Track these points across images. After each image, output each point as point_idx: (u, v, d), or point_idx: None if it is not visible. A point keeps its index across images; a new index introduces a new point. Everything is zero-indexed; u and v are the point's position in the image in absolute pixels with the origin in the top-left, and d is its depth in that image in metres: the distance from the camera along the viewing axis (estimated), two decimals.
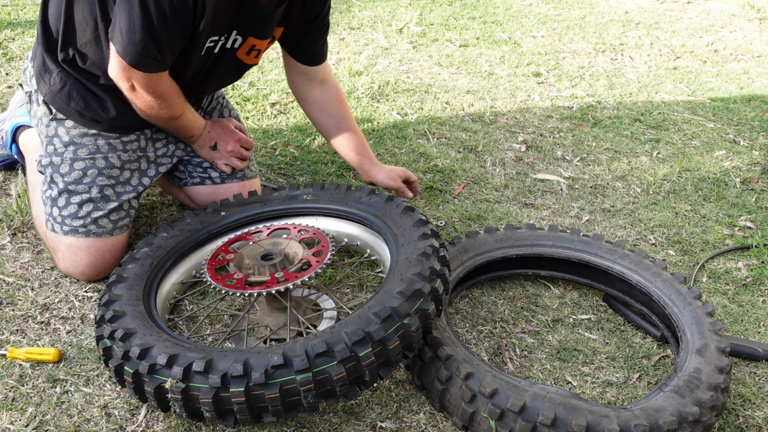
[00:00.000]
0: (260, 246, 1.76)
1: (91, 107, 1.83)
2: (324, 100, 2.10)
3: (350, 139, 2.13)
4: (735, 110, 3.41)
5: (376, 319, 1.42)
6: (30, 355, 1.61)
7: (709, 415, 1.50)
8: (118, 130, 1.87)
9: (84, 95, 1.83)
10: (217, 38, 1.79)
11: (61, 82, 1.83)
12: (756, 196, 2.67)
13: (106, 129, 1.85)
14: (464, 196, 2.46)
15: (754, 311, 2.04)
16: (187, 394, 1.38)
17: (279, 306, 1.73)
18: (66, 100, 1.83)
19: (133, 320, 1.53)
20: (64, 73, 1.83)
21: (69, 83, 1.83)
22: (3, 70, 2.82)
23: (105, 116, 1.84)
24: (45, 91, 1.86)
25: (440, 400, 1.55)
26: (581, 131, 3.04)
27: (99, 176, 1.84)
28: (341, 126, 2.12)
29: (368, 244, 1.90)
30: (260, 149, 2.57)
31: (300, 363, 1.35)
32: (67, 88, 1.83)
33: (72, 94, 1.83)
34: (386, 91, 3.13)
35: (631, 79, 3.68)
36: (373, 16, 3.99)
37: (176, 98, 1.84)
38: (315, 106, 2.12)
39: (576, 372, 1.76)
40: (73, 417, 1.50)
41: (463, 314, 1.91)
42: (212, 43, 1.79)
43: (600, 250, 1.95)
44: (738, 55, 4.19)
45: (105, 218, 1.84)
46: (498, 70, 3.57)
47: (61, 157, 1.83)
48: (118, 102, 1.84)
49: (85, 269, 1.84)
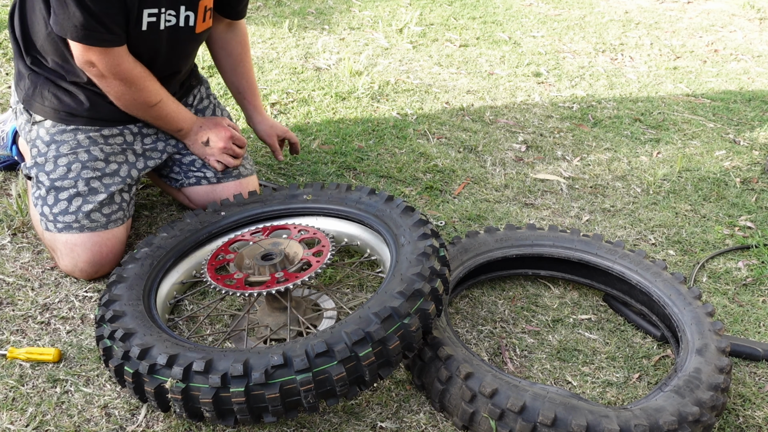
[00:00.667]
0: (260, 246, 1.76)
1: (64, 102, 1.86)
2: (228, 39, 2.16)
3: (242, 81, 2.22)
4: (735, 110, 3.41)
5: (376, 319, 1.42)
6: (30, 355, 1.61)
7: (709, 415, 1.50)
8: (98, 122, 1.89)
9: (55, 92, 1.87)
10: (156, 11, 1.80)
11: (32, 84, 1.88)
12: (756, 196, 2.67)
13: (85, 122, 1.88)
14: (464, 196, 2.46)
15: (754, 311, 2.04)
16: (187, 394, 1.38)
17: (279, 306, 1.73)
18: (40, 101, 1.87)
19: (133, 320, 1.53)
20: (34, 75, 1.88)
21: (39, 83, 1.87)
22: (3, 70, 2.82)
23: (80, 108, 1.87)
24: (22, 97, 1.91)
25: (440, 400, 1.55)
26: (581, 131, 3.04)
27: (84, 169, 1.85)
28: (237, 68, 2.20)
29: (368, 244, 1.90)
30: (260, 149, 2.57)
31: (300, 363, 1.35)
32: (38, 88, 1.87)
33: (44, 93, 1.86)
34: (386, 91, 3.14)
35: (631, 79, 3.68)
36: (373, 16, 3.99)
37: (147, 81, 1.85)
38: (217, 44, 2.17)
39: (576, 372, 1.76)
40: (73, 417, 1.50)
41: (463, 314, 1.91)
42: (153, 18, 1.80)
43: (600, 250, 1.95)
44: (738, 55, 4.19)
45: (97, 212, 1.85)
46: (498, 70, 3.57)
47: (44, 157, 1.86)
48: (91, 94, 1.87)
49: (84, 266, 1.84)
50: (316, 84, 3.09)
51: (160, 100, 1.89)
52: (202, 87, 2.18)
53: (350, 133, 2.75)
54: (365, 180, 2.47)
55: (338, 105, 2.96)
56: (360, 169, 2.53)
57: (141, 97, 1.85)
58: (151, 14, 1.79)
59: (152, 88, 1.87)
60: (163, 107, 1.91)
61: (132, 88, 1.82)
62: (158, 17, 1.82)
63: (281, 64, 3.23)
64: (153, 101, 1.88)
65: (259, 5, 3.90)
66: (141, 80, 1.83)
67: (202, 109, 2.15)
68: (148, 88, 1.85)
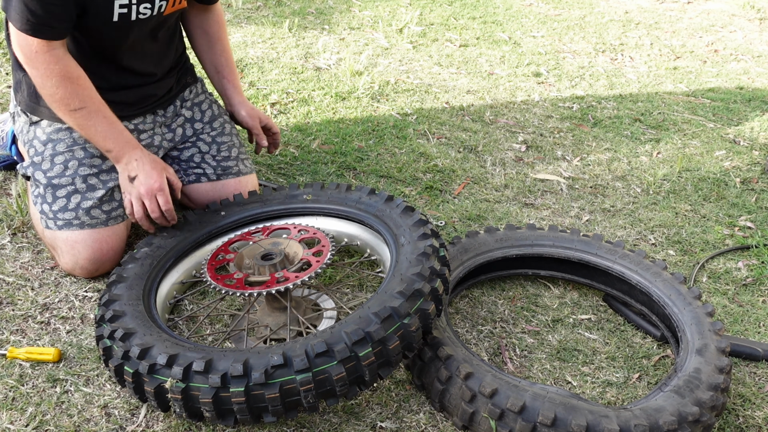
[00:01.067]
0: (260, 246, 1.76)
1: None
2: (203, 19, 2.13)
3: (220, 59, 2.16)
4: (735, 110, 3.41)
5: (376, 319, 1.42)
6: (30, 355, 1.61)
7: (709, 415, 1.50)
8: None
9: None
10: (127, 2, 1.76)
11: (27, 85, 1.88)
12: (756, 196, 2.67)
13: None
14: (464, 196, 2.46)
15: (754, 311, 2.04)
16: (187, 394, 1.38)
17: (279, 306, 1.73)
18: (35, 100, 1.87)
19: (133, 320, 1.53)
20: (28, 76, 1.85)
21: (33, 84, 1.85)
22: (3, 70, 2.82)
23: None
24: (19, 100, 1.92)
25: (440, 400, 1.55)
26: (581, 131, 3.04)
27: (80, 167, 1.85)
28: (215, 46, 2.15)
29: (368, 243, 1.90)
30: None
31: (300, 363, 1.35)
32: (32, 89, 1.86)
33: (38, 92, 1.85)
34: (386, 91, 3.14)
35: (631, 79, 3.68)
36: (373, 16, 3.99)
37: (77, 82, 1.75)
38: (193, 23, 2.14)
39: (576, 372, 1.76)
40: (73, 417, 1.50)
41: (463, 314, 1.91)
42: (124, 9, 1.77)
43: (600, 250, 1.95)
44: (738, 55, 4.19)
45: (97, 209, 1.85)
46: (498, 70, 3.57)
47: (41, 156, 1.86)
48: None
49: (85, 263, 1.84)
50: (316, 84, 3.09)
51: (84, 107, 1.76)
52: (199, 84, 2.18)
53: (350, 133, 2.75)
54: (365, 180, 2.47)
55: (338, 105, 2.96)
56: (360, 169, 2.53)
57: (74, 99, 1.74)
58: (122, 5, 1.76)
59: (88, 94, 1.77)
60: (88, 117, 1.77)
61: (66, 87, 1.73)
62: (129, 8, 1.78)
63: (281, 64, 3.23)
64: (74, 105, 1.75)
65: (259, 5, 3.90)
66: (79, 79, 1.75)
67: (198, 103, 2.14)
68: (84, 92, 1.76)
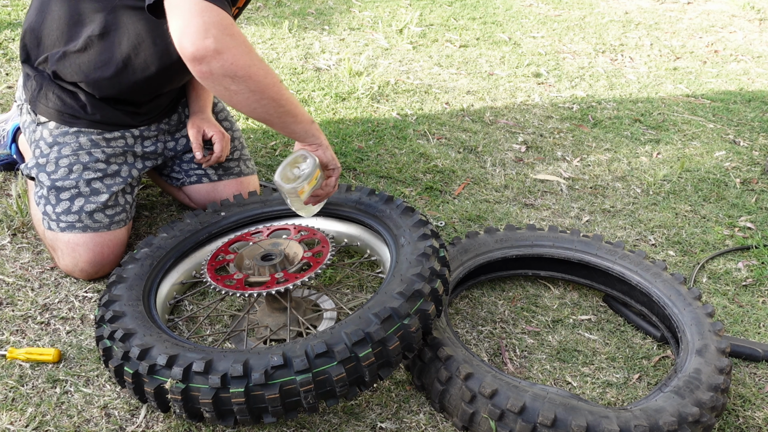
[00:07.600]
0: (260, 246, 1.76)
1: (67, 103, 1.86)
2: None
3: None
4: (735, 110, 3.41)
5: (376, 319, 1.42)
6: (30, 356, 1.61)
7: (709, 416, 1.50)
8: (100, 126, 1.88)
9: (59, 94, 1.86)
10: None
11: (38, 85, 1.87)
12: (756, 197, 2.67)
13: (87, 125, 1.87)
14: (464, 196, 2.46)
15: (754, 312, 2.04)
16: (187, 395, 1.38)
17: (279, 306, 1.73)
18: (44, 101, 1.87)
19: (133, 321, 1.53)
20: (40, 76, 1.87)
21: (44, 84, 1.86)
22: (3, 70, 2.82)
23: (82, 111, 1.86)
24: (27, 98, 1.91)
25: (440, 401, 1.55)
26: (581, 131, 3.04)
27: (85, 171, 1.85)
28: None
29: (368, 244, 1.90)
30: (260, 149, 2.57)
31: (300, 363, 1.35)
32: (43, 89, 1.86)
33: (48, 94, 1.86)
34: (386, 92, 3.14)
35: (631, 79, 3.68)
36: (373, 17, 3.99)
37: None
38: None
39: (576, 372, 1.76)
40: (73, 417, 1.50)
41: (463, 315, 1.91)
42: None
43: (600, 250, 1.95)
44: (738, 56, 4.19)
45: (100, 212, 1.85)
46: (498, 70, 3.57)
47: (46, 158, 1.86)
48: (90, 98, 1.85)
49: (85, 266, 1.84)
50: (316, 84, 3.09)
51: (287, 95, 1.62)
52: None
53: (350, 133, 2.75)
54: (365, 180, 2.47)
55: (338, 105, 2.96)
56: (360, 170, 2.53)
57: (273, 86, 1.60)
58: None
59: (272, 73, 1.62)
60: (290, 102, 1.63)
61: (260, 70, 1.59)
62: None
63: (281, 65, 3.23)
64: (281, 91, 1.62)
65: (259, 5, 3.90)
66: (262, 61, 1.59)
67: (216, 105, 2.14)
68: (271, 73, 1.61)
